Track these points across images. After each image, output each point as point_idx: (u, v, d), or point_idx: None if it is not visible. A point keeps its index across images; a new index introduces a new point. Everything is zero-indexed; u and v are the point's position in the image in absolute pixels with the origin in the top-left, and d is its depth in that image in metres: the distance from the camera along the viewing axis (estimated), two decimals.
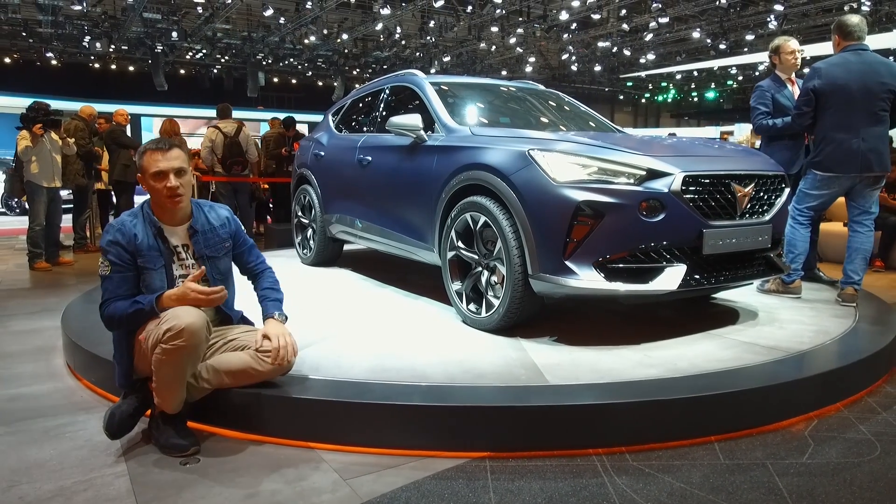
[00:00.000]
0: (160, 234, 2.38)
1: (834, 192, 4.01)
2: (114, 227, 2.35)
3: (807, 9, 16.28)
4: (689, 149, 3.34)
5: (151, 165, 2.34)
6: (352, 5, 17.14)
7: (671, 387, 2.48)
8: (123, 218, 2.39)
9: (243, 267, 2.68)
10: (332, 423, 2.31)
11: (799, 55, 4.50)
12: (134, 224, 2.35)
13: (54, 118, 6.34)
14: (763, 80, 4.55)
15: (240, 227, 2.64)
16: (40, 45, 20.35)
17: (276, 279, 2.70)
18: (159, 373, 2.18)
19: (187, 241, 2.46)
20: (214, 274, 2.48)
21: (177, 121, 7.94)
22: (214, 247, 2.51)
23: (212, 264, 2.47)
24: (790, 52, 4.47)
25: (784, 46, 4.50)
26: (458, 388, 2.46)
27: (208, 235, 2.50)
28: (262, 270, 2.68)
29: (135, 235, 2.32)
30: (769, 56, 4.65)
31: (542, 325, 3.30)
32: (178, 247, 2.44)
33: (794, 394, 2.58)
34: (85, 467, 2.17)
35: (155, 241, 2.36)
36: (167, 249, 2.39)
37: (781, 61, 4.50)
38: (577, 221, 2.82)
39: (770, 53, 4.64)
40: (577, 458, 2.22)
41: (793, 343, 3.05)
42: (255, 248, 2.71)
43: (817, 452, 2.28)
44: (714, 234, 2.93)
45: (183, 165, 2.39)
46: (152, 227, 2.37)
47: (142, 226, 2.36)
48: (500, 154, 3.17)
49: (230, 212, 2.66)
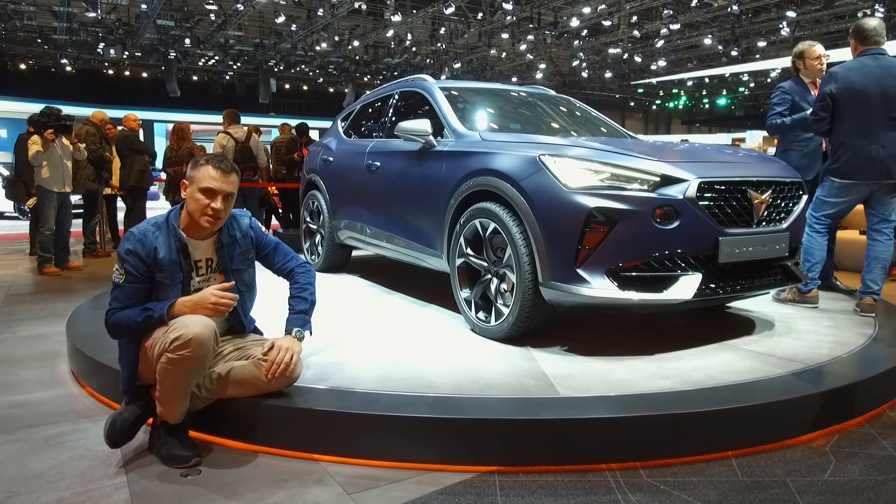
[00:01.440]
0: (184, 250, 2.31)
1: (852, 200, 3.92)
2: (134, 235, 2.26)
3: (819, 15, 16.15)
4: (704, 154, 3.27)
5: (205, 180, 2.27)
6: (363, 12, 17.20)
7: (687, 400, 2.40)
8: (146, 227, 2.30)
9: (273, 269, 2.61)
10: (337, 434, 2.25)
11: (825, 60, 4.41)
12: (156, 236, 2.27)
13: (66, 123, 6.36)
14: (784, 81, 4.47)
15: (260, 232, 2.56)
16: (55, 51, 20.61)
17: (306, 282, 2.57)
18: (163, 382, 2.13)
19: (212, 254, 2.40)
20: (240, 286, 2.43)
21: (189, 125, 7.96)
22: (238, 258, 2.45)
23: (237, 277, 2.42)
24: (816, 58, 4.39)
25: (809, 51, 4.41)
26: (467, 399, 2.39)
27: (233, 249, 2.43)
28: (290, 270, 2.58)
29: (155, 249, 2.24)
30: (792, 61, 4.57)
31: (552, 335, 3.23)
32: (200, 261, 2.38)
33: (813, 408, 2.49)
34: (84, 478, 2.12)
35: (177, 255, 2.29)
36: (187, 265, 2.33)
37: (806, 66, 4.42)
38: (589, 228, 2.76)
39: (793, 58, 4.55)
40: (589, 474, 2.15)
41: (811, 355, 2.96)
42: (281, 246, 2.60)
43: (839, 470, 2.19)
44: (730, 242, 2.86)
45: (234, 192, 2.33)
46: (177, 242, 2.30)
47: (164, 238, 2.28)
48: (511, 159, 3.11)
49: (250, 217, 2.57)
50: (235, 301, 2.28)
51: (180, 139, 7.81)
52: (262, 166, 7.80)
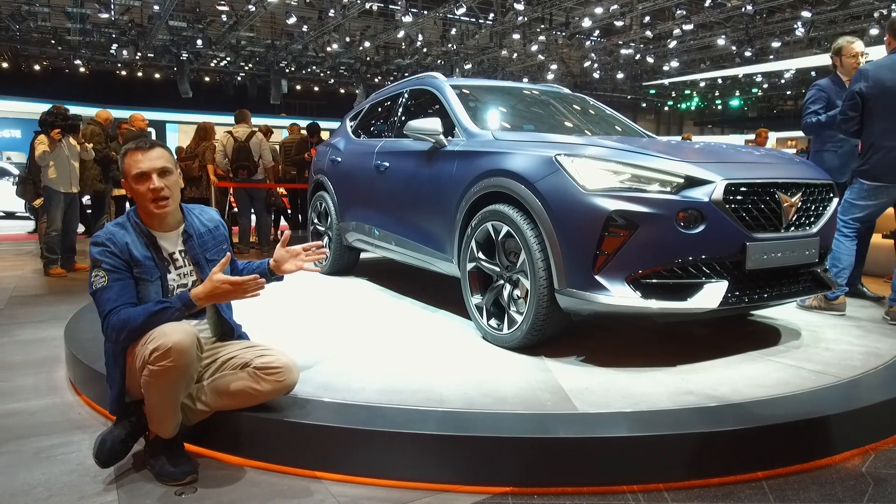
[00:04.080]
0: (153, 244, 2.20)
1: (882, 203, 3.75)
2: (101, 236, 2.14)
3: (834, 15, 15.88)
4: (729, 154, 3.10)
5: (133, 167, 2.15)
6: (374, 13, 17.13)
7: (713, 416, 2.25)
8: (109, 228, 2.19)
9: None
10: (340, 451, 2.12)
11: (863, 58, 4.23)
12: (123, 234, 2.15)
13: (72, 123, 6.28)
14: (821, 79, 4.30)
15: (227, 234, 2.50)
16: (69, 52, 20.70)
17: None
18: (149, 396, 2.01)
19: (182, 246, 2.29)
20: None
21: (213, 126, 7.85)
22: (212, 249, 2.34)
23: (211, 268, 2.29)
24: (853, 56, 4.21)
25: (847, 48, 4.24)
26: (478, 414, 2.25)
27: (204, 238, 2.33)
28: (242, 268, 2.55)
29: (126, 244, 2.13)
30: (831, 57, 4.41)
31: (568, 344, 3.08)
32: (175, 253, 2.26)
33: (848, 425, 2.33)
34: (73, 495, 2.01)
35: (148, 250, 2.17)
36: (161, 258, 2.21)
37: (843, 64, 4.25)
38: (608, 233, 2.61)
39: (832, 55, 4.39)
40: (609, 496, 2.01)
41: (843, 367, 2.80)
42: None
43: (879, 493, 2.03)
44: (758, 248, 2.70)
45: (167, 165, 2.19)
46: (143, 237, 2.18)
47: (131, 236, 2.17)
48: (525, 159, 2.97)
49: (219, 214, 2.50)
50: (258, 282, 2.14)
51: (202, 138, 7.75)
52: (267, 167, 7.72)
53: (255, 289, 2.15)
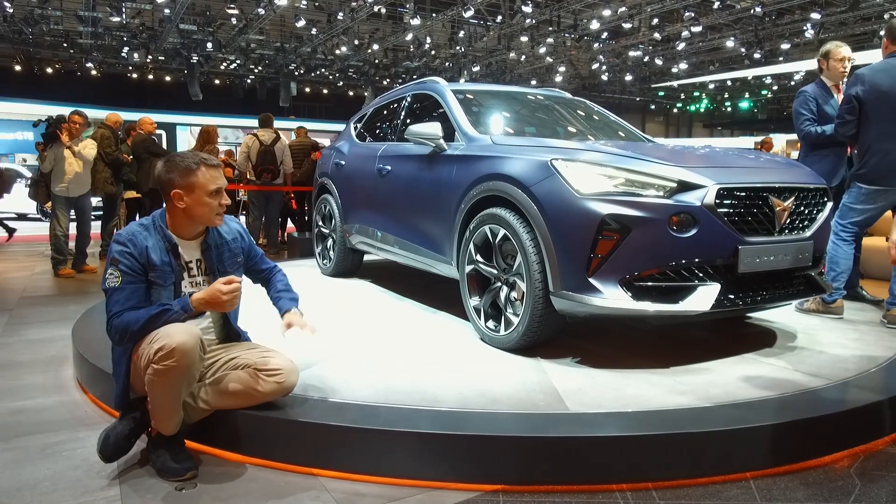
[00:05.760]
0: (174, 250, 2.28)
1: (880, 207, 3.76)
2: (123, 236, 2.22)
3: (844, 17, 15.80)
4: (723, 159, 3.14)
5: (210, 182, 2.27)
6: (382, 16, 17.21)
7: (703, 418, 2.29)
8: (133, 229, 2.27)
9: (256, 276, 2.65)
10: (336, 448, 2.17)
11: (849, 63, 4.23)
12: (145, 237, 2.24)
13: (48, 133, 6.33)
14: (807, 85, 4.31)
15: (252, 241, 2.60)
16: (81, 55, 20.92)
17: (288, 282, 2.66)
18: (153, 394, 2.08)
19: (200, 255, 2.38)
20: None
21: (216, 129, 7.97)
22: (227, 261, 2.43)
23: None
24: (840, 59, 4.19)
25: (834, 52, 4.23)
26: (472, 414, 2.30)
27: (222, 250, 2.42)
28: (273, 273, 2.65)
29: (146, 248, 2.21)
30: (818, 60, 4.40)
31: (563, 345, 3.13)
32: (191, 262, 2.35)
33: (837, 427, 2.36)
34: (77, 490, 2.07)
35: (168, 256, 2.25)
36: (179, 266, 2.29)
37: (829, 67, 4.23)
38: (602, 236, 2.65)
39: (819, 58, 4.38)
40: (598, 495, 2.05)
41: (835, 370, 2.82)
42: (264, 255, 2.70)
43: (865, 494, 2.06)
44: (751, 251, 2.73)
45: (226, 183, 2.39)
46: (166, 242, 2.27)
47: (153, 240, 2.25)
48: (522, 164, 3.02)
49: (241, 225, 2.58)
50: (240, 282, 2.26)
51: (206, 141, 7.84)
52: (287, 172, 7.86)
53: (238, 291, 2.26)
